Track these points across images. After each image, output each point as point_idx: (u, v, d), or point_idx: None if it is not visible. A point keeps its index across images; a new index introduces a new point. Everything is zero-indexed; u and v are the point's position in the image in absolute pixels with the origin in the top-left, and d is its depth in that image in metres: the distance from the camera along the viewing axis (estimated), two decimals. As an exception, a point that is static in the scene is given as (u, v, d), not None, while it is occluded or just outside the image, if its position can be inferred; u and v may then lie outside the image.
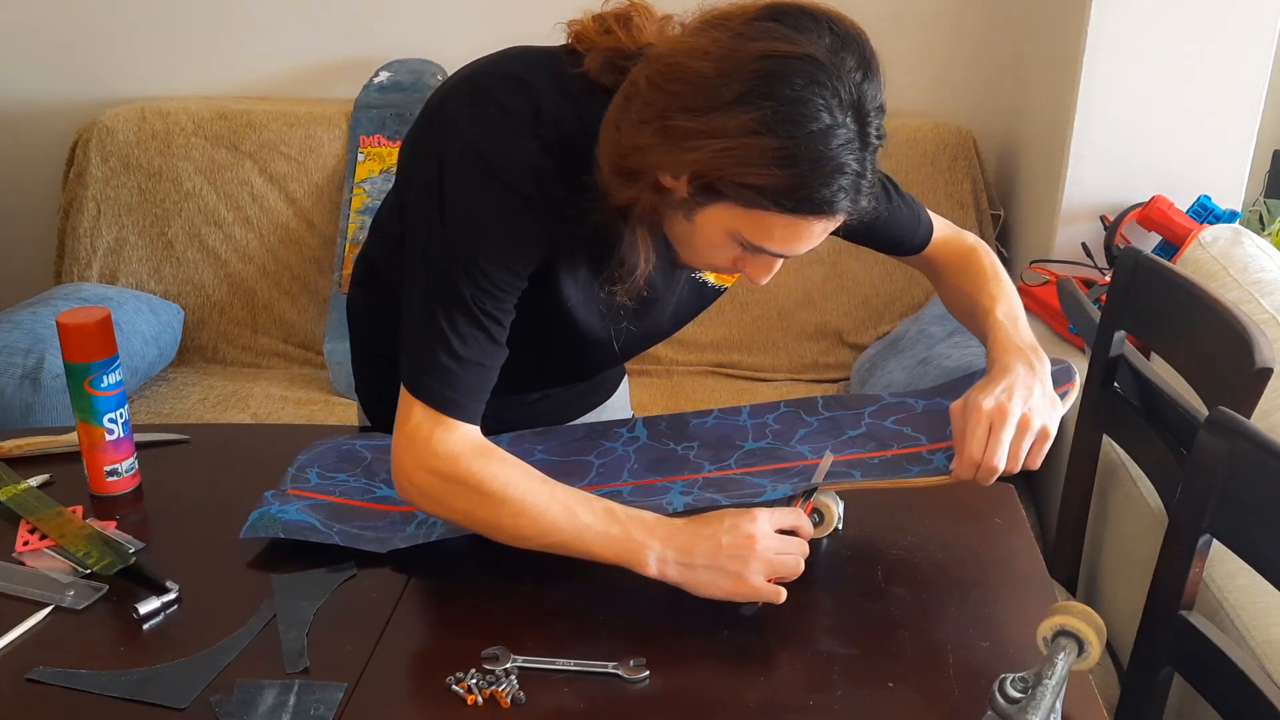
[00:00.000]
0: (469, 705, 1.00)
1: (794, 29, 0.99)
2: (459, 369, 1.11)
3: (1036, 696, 0.91)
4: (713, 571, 1.07)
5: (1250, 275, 1.74)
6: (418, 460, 1.12)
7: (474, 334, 1.11)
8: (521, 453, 1.31)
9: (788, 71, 0.97)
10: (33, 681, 1.03)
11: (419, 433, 1.11)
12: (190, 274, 2.67)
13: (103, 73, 2.81)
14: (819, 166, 0.99)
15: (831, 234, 1.30)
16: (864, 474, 1.18)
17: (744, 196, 1.01)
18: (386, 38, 2.74)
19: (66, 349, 1.28)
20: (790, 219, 1.03)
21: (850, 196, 1.03)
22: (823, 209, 1.02)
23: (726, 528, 1.08)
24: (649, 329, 1.32)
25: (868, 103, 1.02)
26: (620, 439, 1.32)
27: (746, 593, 1.07)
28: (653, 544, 1.08)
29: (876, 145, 1.04)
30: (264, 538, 1.22)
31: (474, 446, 1.12)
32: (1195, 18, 2.15)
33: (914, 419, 1.26)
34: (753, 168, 0.98)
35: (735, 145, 0.98)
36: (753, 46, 0.98)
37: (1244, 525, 1.10)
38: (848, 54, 1.01)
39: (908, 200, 1.34)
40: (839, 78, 0.99)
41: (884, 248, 1.36)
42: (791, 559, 1.08)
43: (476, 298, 1.10)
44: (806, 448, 1.24)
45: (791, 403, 1.34)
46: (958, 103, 2.74)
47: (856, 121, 1.01)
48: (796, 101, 0.97)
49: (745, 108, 0.97)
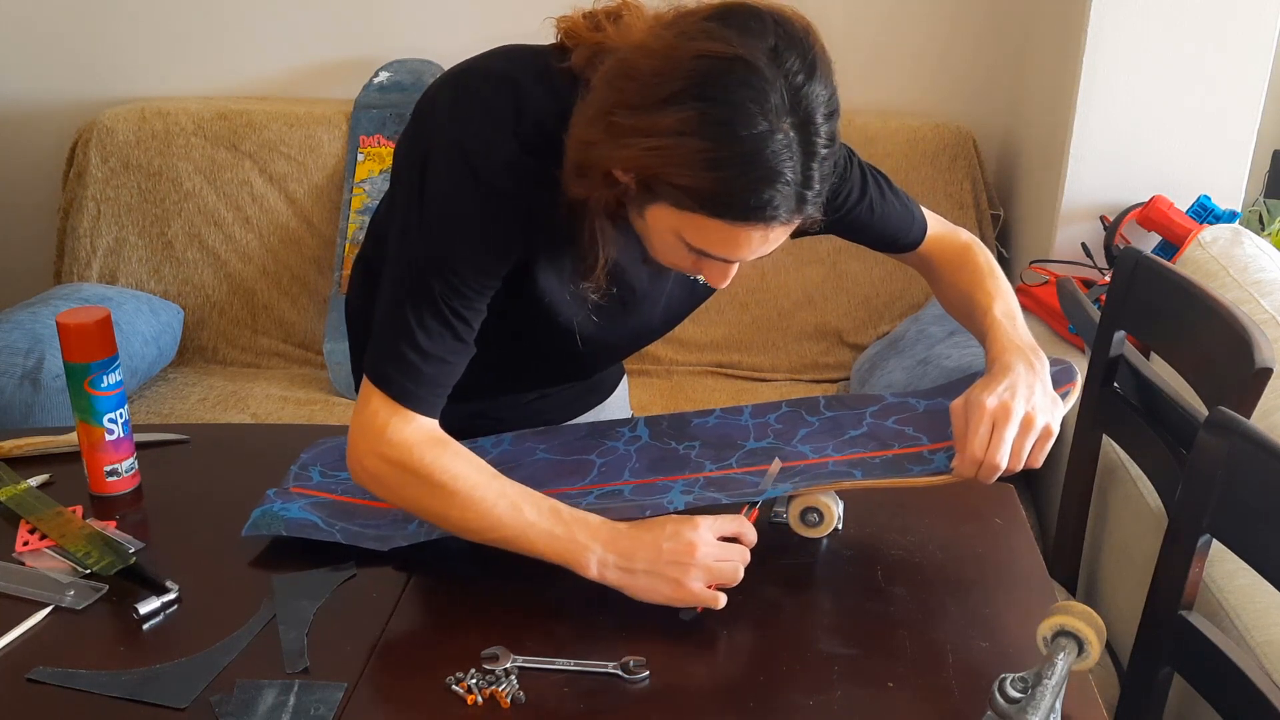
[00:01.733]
0: (469, 705, 1.00)
1: (736, 30, 0.97)
2: (422, 363, 1.12)
3: (1036, 696, 0.91)
4: (652, 576, 1.08)
5: (1250, 275, 1.74)
6: (371, 446, 1.13)
7: (440, 331, 1.12)
8: (523, 451, 1.32)
9: (719, 74, 0.96)
10: (33, 681, 1.03)
11: (375, 420, 1.12)
12: (190, 274, 2.67)
13: (103, 73, 2.81)
14: (747, 172, 0.96)
15: (820, 232, 1.30)
16: (865, 473, 1.18)
17: (675, 198, 1.00)
18: (386, 38, 2.74)
19: (66, 349, 1.28)
20: (722, 224, 1.00)
21: (788, 206, 0.99)
22: (751, 216, 0.99)
23: (668, 534, 1.09)
24: (639, 327, 1.32)
25: (811, 108, 0.98)
26: (622, 438, 1.33)
27: (685, 598, 1.08)
28: (595, 547, 1.09)
29: (825, 152, 1.00)
30: (264, 536, 1.22)
31: (428, 437, 1.13)
32: (1195, 18, 2.15)
33: (915, 419, 1.26)
34: (682, 169, 0.97)
35: (665, 145, 0.96)
36: (690, 46, 0.97)
37: (1244, 525, 1.10)
38: (792, 56, 0.97)
39: (901, 197, 1.33)
40: (774, 82, 0.96)
41: (878, 245, 1.35)
42: (730, 566, 1.09)
43: (446, 295, 1.11)
44: (808, 447, 1.24)
45: (793, 402, 1.34)
46: (958, 103, 2.74)
47: (797, 128, 0.97)
48: (726, 105, 0.95)
49: (676, 108, 0.96)
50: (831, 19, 3.07)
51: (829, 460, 1.21)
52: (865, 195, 1.28)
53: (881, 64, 2.74)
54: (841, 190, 1.26)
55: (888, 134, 2.62)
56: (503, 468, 1.28)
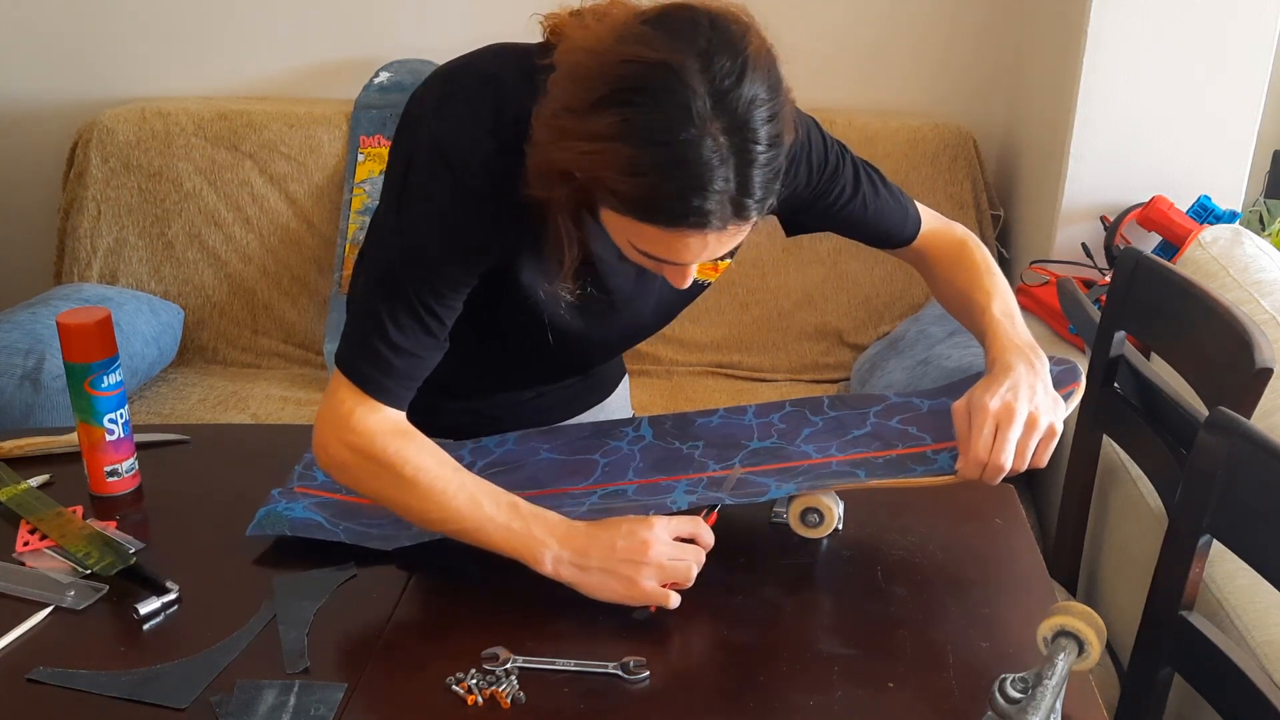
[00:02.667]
0: (469, 705, 1.00)
1: (666, 34, 0.96)
2: (392, 356, 1.13)
3: (1036, 697, 0.91)
4: (606, 574, 1.09)
5: (1250, 275, 1.74)
6: (336, 433, 1.14)
7: (411, 325, 1.12)
8: (527, 451, 1.32)
9: (643, 79, 0.95)
10: (33, 681, 1.03)
11: (342, 408, 1.14)
12: (190, 274, 2.67)
13: (103, 73, 2.81)
14: (673, 179, 0.95)
15: (814, 230, 1.30)
16: (868, 473, 1.18)
17: (610, 202, 1.00)
18: (386, 38, 2.74)
19: (67, 349, 1.28)
20: (656, 230, 1.00)
21: (722, 213, 0.98)
22: (681, 223, 0.98)
23: (623, 533, 1.09)
24: (630, 324, 1.32)
25: (744, 112, 0.95)
26: (625, 438, 1.33)
27: (637, 596, 1.09)
28: (550, 543, 1.10)
29: (764, 156, 0.97)
30: (265, 536, 1.23)
31: (393, 427, 1.14)
32: (1195, 18, 2.15)
33: (919, 419, 1.26)
34: (612, 174, 0.97)
35: (596, 150, 0.96)
36: (620, 50, 0.96)
37: (1244, 525, 1.10)
38: (723, 59, 0.95)
39: (895, 192, 1.32)
40: (699, 88, 0.94)
41: (872, 241, 1.35)
42: (684, 565, 1.10)
43: (419, 290, 1.12)
44: (811, 447, 1.24)
45: (797, 402, 1.34)
46: (958, 103, 2.74)
47: (729, 133, 0.95)
48: (649, 111, 0.94)
49: (604, 112, 0.95)
50: (831, 19, 3.09)
51: (832, 460, 1.21)
52: (858, 191, 1.28)
53: (881, 64, 2.74)
54: (834, 187, 1.26)
55: (888, 134, 2.62)
56: (507, 467, 1.29)
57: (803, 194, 1.24)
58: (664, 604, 1.09)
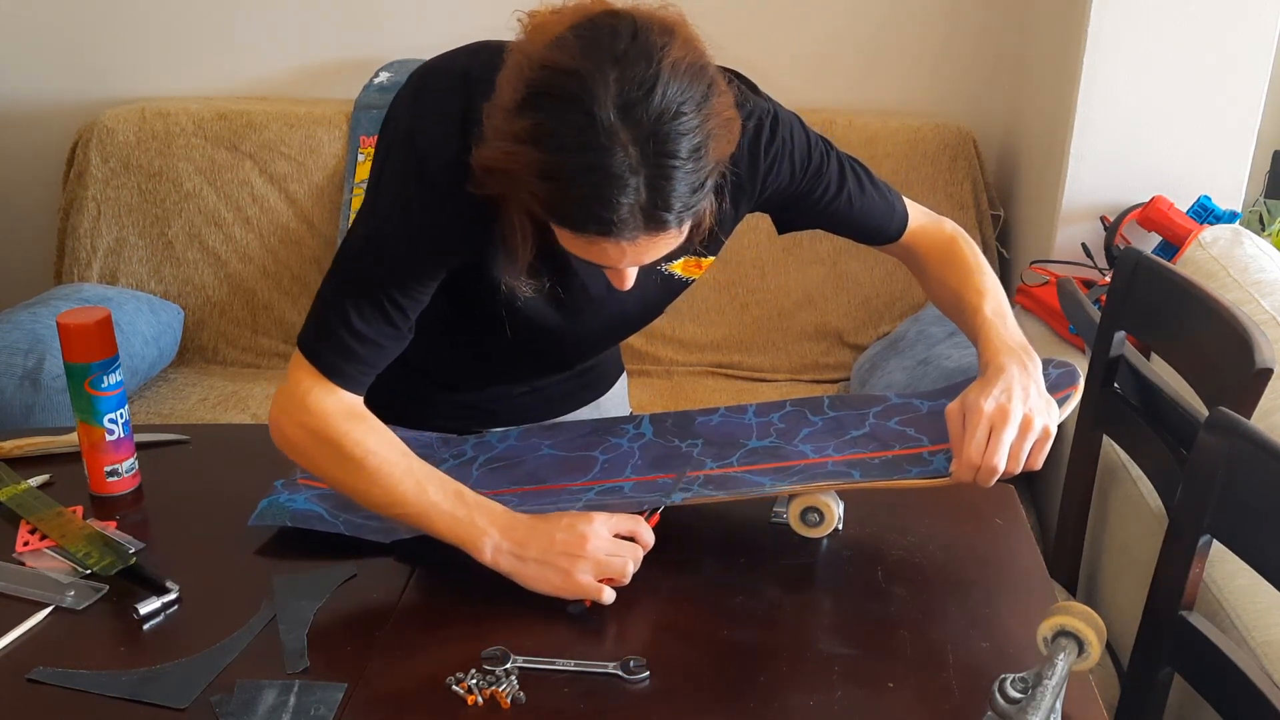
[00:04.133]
0: (469, 705, 1.00)
1: (584, 41, 0.95)
2: (354, 343, 1.14)
3: (1036, 697, 0.91)
4: (543, 566, 1.10)
5: (1250, 276, 1.74)
6: (291, 413, 1.16)
7: (375, 315, 1.14)
8: (528, 447, 1.32)
9: (553, 85, 0.95)
10: (33, 681, 1.03)
11: (299, 388, 1.16)
12: (190, 274, 2.67)
13: (103, 73, 2.81)
14: (578, 187, 0.95)
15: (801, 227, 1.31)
16: (863, 474, 1.18)
17: (529, 203, 1.00)
18: (386, 38, 2.74)
19: (67, 349, 1.28)
20: (570, 234, 1.00)
21: (634, 223, 0.97)
22: (590, 230, 0.98)
23: (563, 526, 1.11)
24: (613, 319, 1.33)
25: (656, 123, 0.94)
26: (626, 435, 1.33)
27: (572, 589, 1.10)
28: (491, 532, 1.12)
29: (679, 169, 0.96)
30: (266, 536, 1.23)
31: (347, 410, 1.16)
32: (1195, 18, 2.15)
33: (918, 419, 1.26)
34: (526, 176, 0.97)
35: (515, 151, 0.97)
36: (541, 54, 0.96)
37: (1244, 525, 1.10)
38: (639, 67, 0.94)
39: (881, 188, 1.32)
40: (606, 100, 0.93)
41: (859, 237, 1.35)
42: (620, 561, 1.11)
43: (384, 282, 1.13)
44: (809, 447, 1.24)
45: (797, 402, 1.34)
46: (958, 103, 2.74)
47: (640, 144, 0.94)
48: (556, 118, 0.94)
49: (519, 115, 0.96)
50: (832, 19, 3.09)
51: (828, 460, 1.21)
52: (844, 187, 1.28)
53: (882, 64, 2.74)
54: (819, 184, 1.26)
55: (888, 134, 2.62)
56: (508, 462, 1.29)
57: (787, 192, 1.25)
58: (598, 599, 1.10)
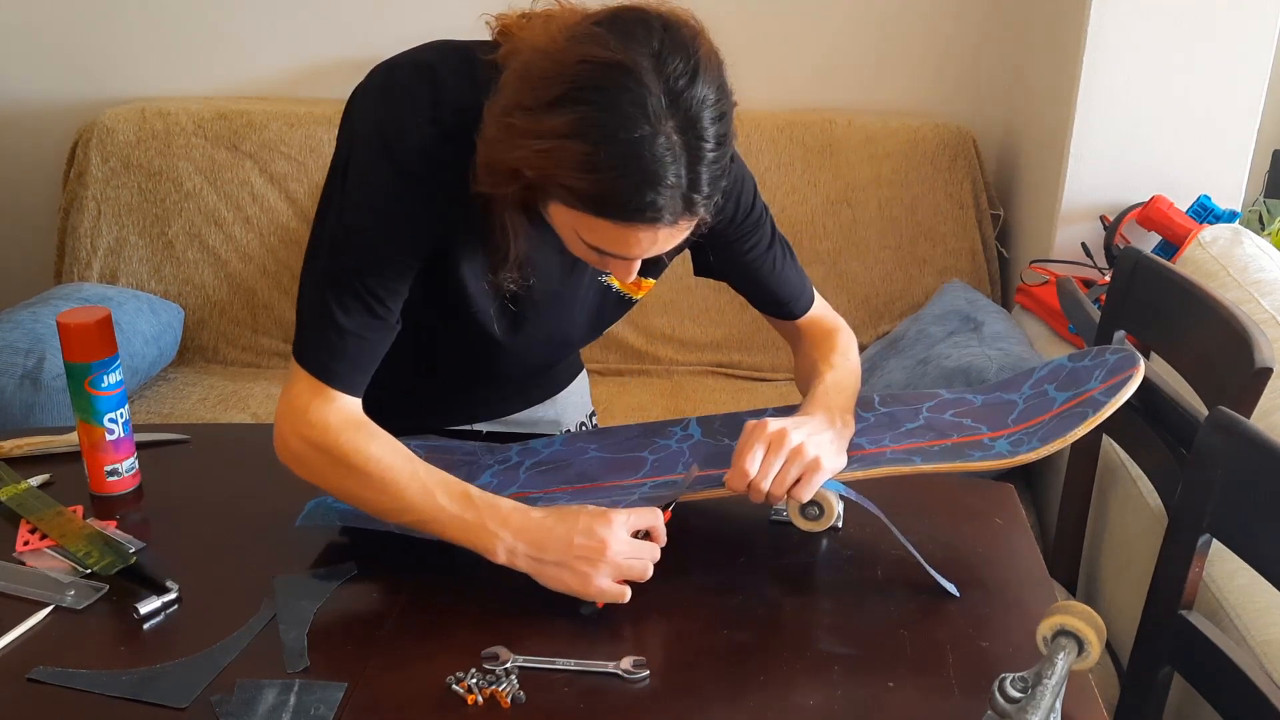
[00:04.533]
0: (469, 705, 1.00)
1: (620, 35, 0.99)
2: (339, 340, 1.15)
3: (1036, 696, 0.91)
4: (561, 569, 1.10)
5: (1250, 275, 1.74)
6: (294, 428, 1.16)
7: (357, 308, 1.14)
8: (575, 451, 1.33)
9: (599, 78, 0.97)
10: (33, 681, 1.03)
11: (298, 401, 1.16)
12: (190, 274, 2.67)
13: (103, 73, 2.81)
14: (628, 175, 0.98)
15: (718, 277, 1.35)
16: (924, 459, 1.18)
17: (564, 197, 1.02)
18: (386, 38, 2.73)
19: (67, 349, 1.28)
20: (609, 224, 1.02)
21: (673, 207, 1.01)
22: (634, 217, 1.01)
23: (581, 528, 1.10)
24: (559, 329, 1.34)
25: (695, 111, 0.99)
26: (674, 437, 1.34)
27: (591, 593, 1.10)
28: (504, 535, 1.11)
29: (712, 155, 1.01)
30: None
31: (347, 420, 1.16)
32: (1195, 18, 2.15)
33: (974, 411, 1.27)
34: (567, 171, 0.99)
35: (551, 147, 0.99)
36: (576, 50, 0.98)
37: (1244, 525, 1.10)
38: (675, 60, 0.98)
39: (800, 272, 1.37)
40: (654, 86, 0.97)
41: (764, 303, 1.38)
42: (640, 564, 1.11)
43: (362, 273, 1.14)
44: (864, 439, 1.24)
45: None
46: (958, 103, 2.74)
47: (680, 131, 0.98)
48: (605, 109, 0.97)
49: (560, 111, 0.98)
50: (832, 19, 3.08)
51: (886, 450, 1.21)
52: (771, 249, 1.32)
53: (881, 64, 2.74)
54: (753, 235, 1.30)
55: (888, 134, 2.62)
56: (555, 465, 1.29)
57: (725, 231, 1.27)
58: (617, 600, 1.10)
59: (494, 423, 1.50)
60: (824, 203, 2.63)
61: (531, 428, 1.52)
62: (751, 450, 1.14)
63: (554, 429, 1.54)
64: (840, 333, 1.38)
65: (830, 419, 1.20)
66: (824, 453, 1.14)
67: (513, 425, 1.51)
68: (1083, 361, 1.26)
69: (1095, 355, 1.25)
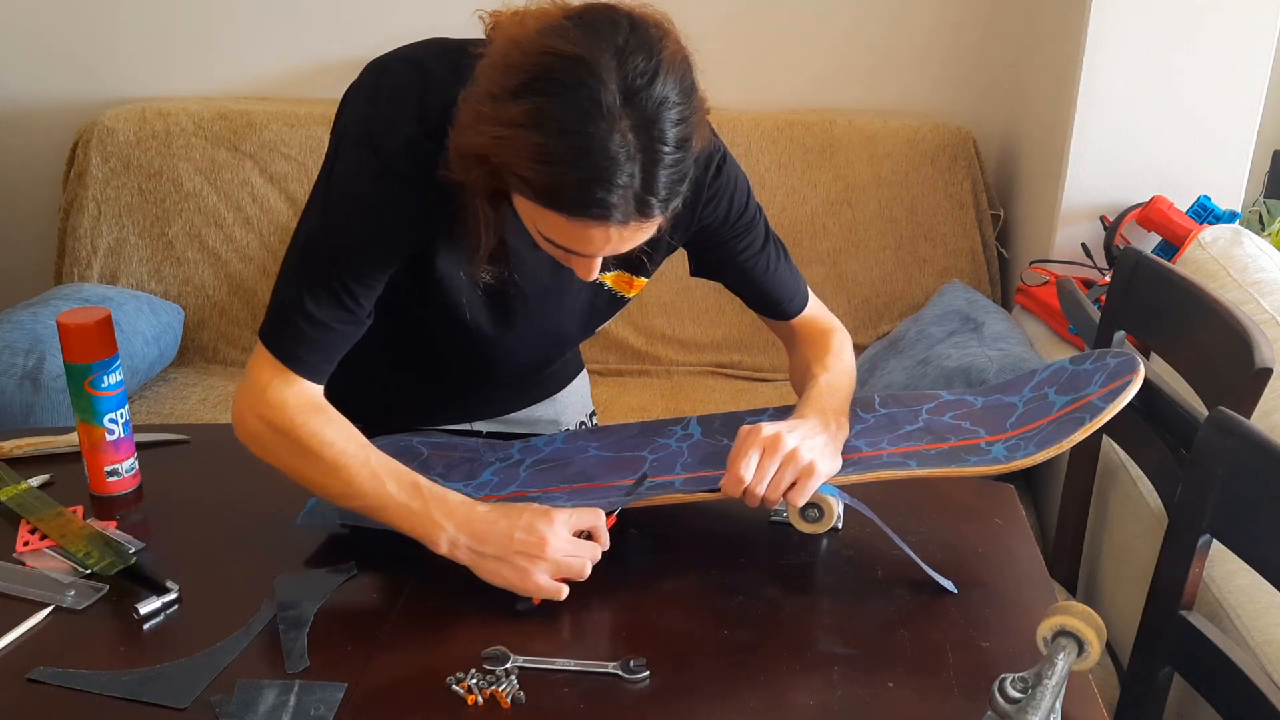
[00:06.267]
0: (469, 705, 1.00)
1: (585, 28, 0.99)
2: (308, 328, 1.15)
3: (1036, 696, 0.91)
4: (500, 563, 1.11)
5: (1250, 275, 1.74)
6: (251, 406, 1.17)
7: (328, 299, 1.15)
8: (576, 449, 1.34)
9: (558, 70, 0.97)
10: (33, 681, 1.03)
11: (259, 380, 1.17)
12: (190, 274, 2.67)
13: (103, 73, 2.81)
14: (578, 170, 0.98)
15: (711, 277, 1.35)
16: (920, 464, 1.18)
17: (519, 188, 1.02)
18: (386, 38, 2.73)
19: (67, 349, 1.28)
20: (560, 218, 1.02)
21: (625, 207, 1.00)
22: (583, 213, 1.00)
23: (523, 525, 1.11)
24: (551, 326, 1.34)
25: (654, 111, 0.98)
26: (674, 436, 1.34)
27: (529, 588, 1.10)
28: (448, 526, 1.12)
29: (670, 158, 1.00)
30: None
31: (306, 402, 1.17)
32: (1195, 18, 2.15)
33: (973, 414, 1.27)
34: (521, 160, 0.99)
35: (509, 135, 0.99)
36: (540, 42, 0.99)
37: (1244, 525, 1.10)
38: (638, 58, 0.98)
39: (795, 272, 1.37)
40: (610, 83, 0.96)
41: (760, 303, 1.38)
42: (579, 562, 1.11)
43: (337, 265, 1.15)
44: (862, 442, 1.24)
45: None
46: (958, 103, 2.74)
47: (636, 131, 0.97)
48: (560, 100, 0.97)
49: (519, 100, 0.98)
50: (832, 19, 3.08)
51: (883, 453, 1.21)
52: (765, 250, 1.32)
53: (881, 64, 2.74)
54: (747, 236, 1.30)
55: (888, 134, 2.62)
56: (556, 463, 1.30)
57: (716, 232, 1.28)
58: (553, 597, 1.11)
59: (493, 422, 1.50)
60: (824, 203, 2.63)
61: (531, 427, 1.52)
62: (746, 455, 1.14)
63: (554, 429, 1.54)
64: (834, 333, 1.38)
65: (824, 421, 1.20)
66: (819, 457, 1.15)
67: (512, 425, 1.51)
68: (1084, 365, 1.26)
69: (1097, 358, 1.25)
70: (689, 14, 1.09)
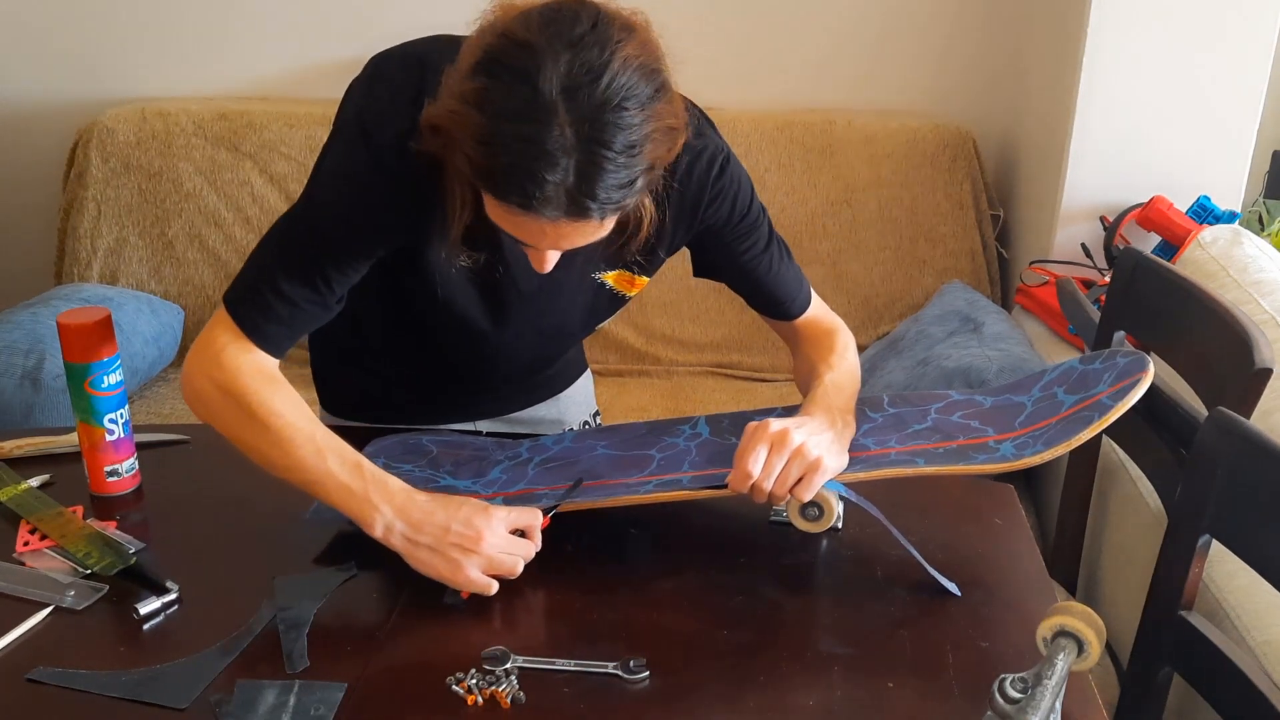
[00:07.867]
0: (469, 705, 1.00)
1: (546, 18, 0.98)
2: (275, 302, 1.15)
3: (1036, 696, 0.91)
4: (434, 554, 1.11)
5: (1250, 275, 1.75)
6: (203, 367, 1.16)
7: (301, 278, 1.15)
8: (584, 448, 1.34)
9: (508, 54, 0.97)
10: (33, 681, 1.03)
11: (215, 343, 1.16)
12: (190, 274, 2.67)
13: (103, 73, 2.81)
14: (509, 155, 0.97)
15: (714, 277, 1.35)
16: (928, 461, 1.18)
17: (464, 165, 1.01)
18: (387, 38, 2.73)
19: (67, 349, 1.28)
20: (496, 204, 1.02)
21: (557, 203, 0.98)
22: (513, 202, 0.99)
23: (460, 518, 1.11)
24: (548, 322, 1.34)
25: (596, 111, 0.96)
26: (682, 435, 1.34)
27: (460, 581, 1.11)
28: (385, 510, 1.12)
29: (610, 161, 0.97)
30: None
31: (260, 370, 1.16)
32: (1195, 18, 2.15)
33: (982, 413, 1.27)
34: (465, 138, 0.99)
35: (459, 111, 0.99)
36: (505, 24, 0.99)
37: (1244, 525, 1.10)
38: (590, 53, 0.96)
39: (797, 272, 1.37)
40: (552, 77, 0.95)
41: (763, 304, 1.38)
42: (511, 559, 1.12)
43: (315, 248, 1.15)
44: (870, 440, 1.25)
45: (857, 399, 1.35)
46: (958, 103, 2.74)
47: (576, 128, 0.96)
48: (502, 86, 0.97)
49: (469, 79, 0.98)
50: (832, 19, 3.08)
51: (891, 451, 1.21)
52: (768, 250, 1.32)
53: (882, 64, 2.74)
54: (750, 236, 1.30)
55: (888, 134, 2.62)
56: (564, 462, 1.30)
57: (719, 233, 1.28)
58: (482, 592, 1.11)
59: (496, 421, 1.50)
60: (824, 203, 2.63)
61: (534, 427, 1.52)
62: (754, 451, 1.14)
63: (557, 429, 1.54)
64: (838, 333, 1.39)
65: (830, 419, 1.20)
66: (826, 453, 1.15)
67: (515, 424, 1.51)
68: (1093, 364, 1.26)
69: (1106, 358, 1.25)
70: (689, 14, 1.09)
